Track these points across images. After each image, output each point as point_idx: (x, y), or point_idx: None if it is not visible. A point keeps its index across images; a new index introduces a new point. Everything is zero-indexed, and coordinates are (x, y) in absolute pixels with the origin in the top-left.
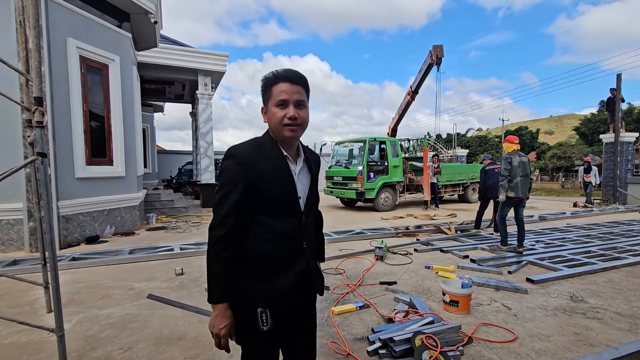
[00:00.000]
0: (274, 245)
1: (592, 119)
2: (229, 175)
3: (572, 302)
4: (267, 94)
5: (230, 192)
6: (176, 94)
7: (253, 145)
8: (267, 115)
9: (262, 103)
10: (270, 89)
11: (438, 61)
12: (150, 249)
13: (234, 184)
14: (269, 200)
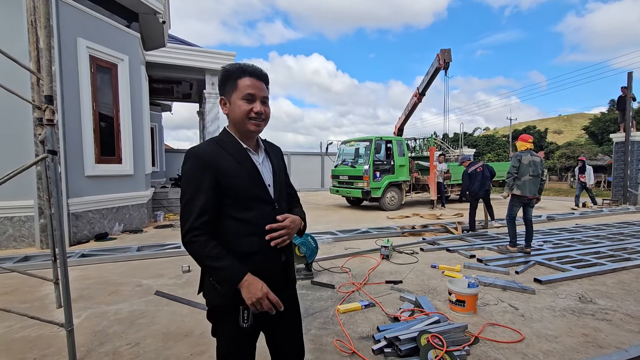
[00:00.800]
0: (255, 239)
1: (601, 118)
2: (191, 177)
3: (581, 303)
4: (230, 86)
5: (196, 195)
6: (184, 93)
7: (212, 144)
8: (230, 107)
9: (221, 93)
10: (235, 82)
11: (445, 65)
12: (157, 247)
13: (198, 185)
14: (239, 193)
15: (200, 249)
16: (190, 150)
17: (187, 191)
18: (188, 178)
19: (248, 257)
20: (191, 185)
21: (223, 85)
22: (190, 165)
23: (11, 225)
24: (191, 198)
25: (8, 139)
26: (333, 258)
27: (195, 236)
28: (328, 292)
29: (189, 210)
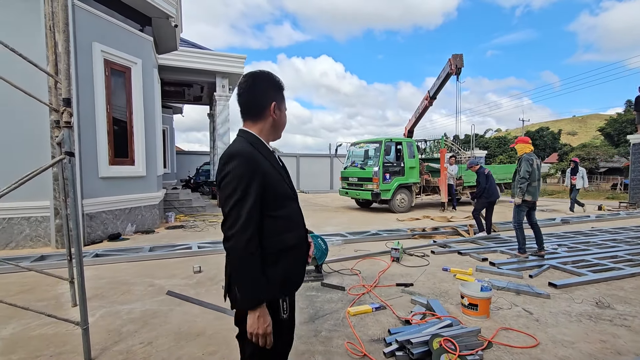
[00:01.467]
0: (295, 234)
1: (618, 119)
2: (240, 176)
3: (598, 308)
4: (281, 96)
5: (247, 193)
6: (195, 95)
7: (248, 145)
8: (281, 114)
9: (273, 100)
10: (283, 94)
11: (457, 71)
12: (169, 247)
13: (248, 183)
14: (276, 192)
15: (246, 259)
16: (235, 150)
17: (236, 190)
18: (236, 177)
19: (290, 251)
20: (241, 185)
21: (277, 94)
22: (237, 164)
23: (28, 225)
24: (241, 198)
25: (24, 141)
26: (343, 260)
27: (245, 241)
28: (338, 294)
29: (240, 207)
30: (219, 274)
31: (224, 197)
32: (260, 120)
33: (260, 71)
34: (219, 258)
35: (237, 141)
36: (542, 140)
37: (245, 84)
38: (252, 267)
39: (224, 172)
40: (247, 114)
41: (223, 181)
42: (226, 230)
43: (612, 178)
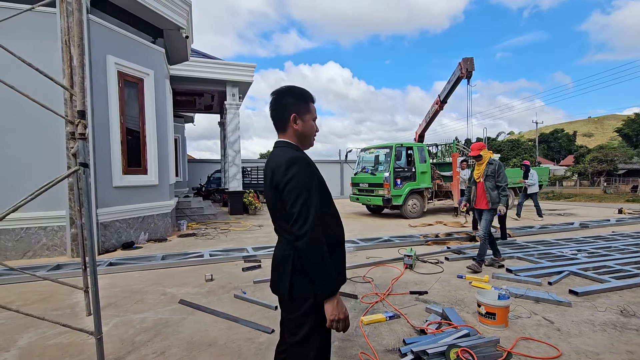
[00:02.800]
0: (341, 230)
1: (636, 120)
2: (305, 178)
3: (623, 317)
4: (307, 108)
5: (311, 193)
6: (205, 104)
7: (299, 152)
8: (303, 124)
9: (294, 111)
10: (308, 105)
11: (468, 75)
12: (181, 255)
13: (311, 185)
14: (325, 191)
15: (321, 252)
16: (294, 156)
17: (303, 192)
18: (302, 180)
19: (339, 245)
20: (307, 186)
21: (302, 105)
22: (300, 167)
23: (45, 235)
24: (308, 198)
25: (41, 152)
26: (355, 267)
27: (318, 237)
28: (351, 303)
29: (309, 206)
30: (231, 282)
31: (291, 199)
32: (287, 131)
33: (286, 86)
34: (230, 266)
35: (286, 149)
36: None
37: (272, 99)
38: (327, 260)
39: (288, 176)
40: (276, 128)
41: (288, 184)
42: (297, 230)
43: (632, 180)
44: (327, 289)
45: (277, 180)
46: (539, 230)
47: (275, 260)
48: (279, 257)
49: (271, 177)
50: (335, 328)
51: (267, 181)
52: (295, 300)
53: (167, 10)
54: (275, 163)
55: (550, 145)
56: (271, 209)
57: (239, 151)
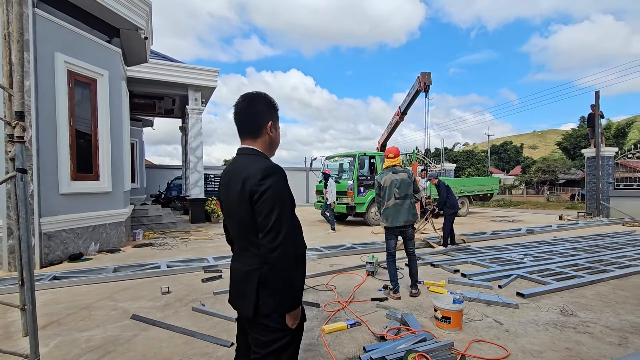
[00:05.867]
0: (304, 241)
1: (573, 134)
2: (282, 190)
3: (563, 316)
4: (278, 117)
5: (286, 205)
6: (166, 108)
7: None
8: (276, 133)
9: (270, 119)
10: (278, 114)
11: (426, 88)
12: (135, 267)
13: (287, 197)
14: (294, 203)
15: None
16: (270, 166)
17: (277, 204)
18: (277, 192)
19: (303, 257)
20: (282, 199)
21: (274, 114)
22: (277, 179)
23: None
24: (282, 211)
25: None
26: (318, 275)
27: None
28: (313, 312)
29: (282, 223)
30: (190, 294)
31: (265, 210)
32: (258, 138)
33: (257, 92)
34: (189, 277)
35: (256, 157)
36: (507, 154)
37: (244, 104)
38: (297, 273)
39: (265, 186)
40: (246, 132)
41: (264, 195)
42: (270, 242)
43: (571, 189)
44: (294, 303)
45: (251, 190)
46: (490, 236)
47: (237, 275)
48: (242, 272)
49: (242, 186)
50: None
51: (235, 190)
52: (261, 317)
53: (125, 10)
54: (248, 172)
55: (500, 156)
56: (237, 220)
57: (202, 157)
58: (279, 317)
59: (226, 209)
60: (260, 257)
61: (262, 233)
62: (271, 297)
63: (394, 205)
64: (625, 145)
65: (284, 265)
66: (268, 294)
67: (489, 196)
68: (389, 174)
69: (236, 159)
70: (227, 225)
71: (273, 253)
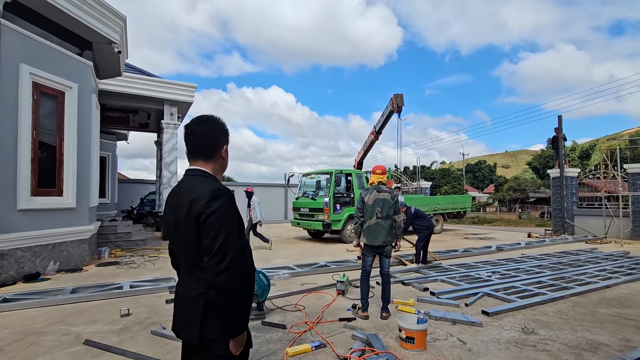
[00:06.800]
0: (253, 263)
1: (542, 155)
2: (229, 212)
3: (524, 334)
4: (228, 141)
5: (233, 227)
6: (141, 122)
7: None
8: (227, 158)
9: (226, 142)
10: (229, 139)
11: (399, 109)
12: (96, 287)
13: (235, 219)
14: (242, 224)
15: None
16: (219, 188)
17: (225, 226)
18: (225, 214)
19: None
20: (229, 221)
21: (227, 138)
22: (225, 201)
23: None
24: (230, 233)
25: None
26: (288, 295)
27: (239, 273)
28: (279, 333)
29: (229, 246)
30: (151, 316)
31: (212, 232)
32: (212, 161)
33: (212, 115)
34: (153, 298)
35: (205, 179)
36: (481, 173)
37: (201, 126)
38: (244, 296)
39: (212, 208)
40: (200, 154)
41: (211, 217)
42: (216, 265)
43: (540, 207)
44: (241, 327)
45: (198, 212)
46: (462, 253)
47: (182, 301)
48: (186, 297)
49: (189, 209)
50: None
51: (182, 212)
52: (206, 343)
53: (98, 23)
54: (195, 194)
55: (475, 175)
56: (184, 243)
57: (176, 172)
58: (223, 343)
59: (173, 231)
60: (206, 281)
61: (209, 256)
62: (217, 322)
63: (375, 225)
64: (589, 166)
65: (231, 289)
66: (214, 318)
67: (462, 214)
68: (374, 192)
69: (184, 180)
70: (173, 249)
71: (220, 276)
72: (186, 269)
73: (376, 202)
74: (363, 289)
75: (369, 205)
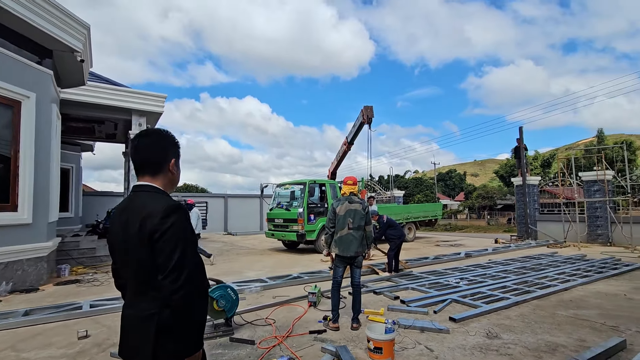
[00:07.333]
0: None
1: (507, 163)
2: (184, 230)
3: (488, 338)
4: (179, 155)
5: (188, 244)
6: (107, 133)
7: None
8: (177, 171)
9: (176, 156)
10: (179, 152)
11: (369, 120)
12: (52, 309)
13: (190, 235)
14: (195, 239)
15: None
16: (174, 204)
17: (179, 242)
18: (179, 230)
19: (206, 296)
20: (184, 237)
21: (176, 151)
22: (179, 217)
23: None
24: (185, 249)
25: None
26: (258, 309)
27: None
28: (247, 349)
29: (184, 262)
30: (111, 337)
31: (167, 249)
32: (160, 176)
33: (158, 129)
34: (114, 318)
35: (156, 195)
36: (452, 181)
37: (147, 140)
38: (199, 314)
39: (166, 224)
40: (146, 170)
41: (166, 234)
42: (172, 283)
43: (507, 213)
44: (197, 346)
45: (152, 229)
46: (432, 260)
47: (131, 323)
48: (137, 318)
49: (141, 226)
50: None
51: (133, 230)
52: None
53: (58, 31)
54: (147, 210)
55: (447, 183)
56: (134, 262)
57: None
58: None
59: (120, 250)
60: (160, 300)
61: (163, 274)
62: (172, 342)
63: (347, 235)
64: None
65: (187, 306)
66: (168, 339)
67: (433, 221)
68: (345, 203)
69: (133, 197)
70: (117, 269)
71: (176, 294)
72: (136, 288)
73: (348, 212)
74: (334, 300)
75: (341, 216)
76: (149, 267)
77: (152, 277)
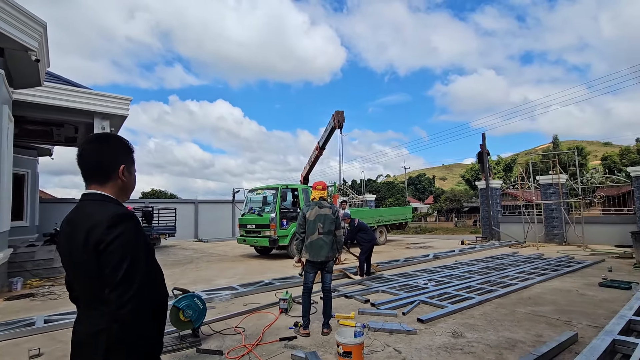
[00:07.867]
0: (165, 290)
1: (473, 168)
2: (133, 238)
3: (453, 338)
4: (132, 159)
5: (139, 254)
6: (67, 136)
7: (122, 205)
8: (129, 177)
9: (125, 162)
10: (133, 157)
11: (340, 125)
12: (1, 326)
13: (140, 245)
14: (151, 247)
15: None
16: (122, 212)
17: (129, 253)
18: (129, 240)
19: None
20: (134, 247)
21: (128, 157)
22: (128, 227)
23: None
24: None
25: None
26: (228, 317)
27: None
28: None
29: (134, 274)
30: (67, 354)
31: (114, 261)
32: (109, 183)
33: (107, 134)
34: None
35: (105, 204)
36: (422, 185)
37: (92, 146)
38: (154, 327)
39: (113, 235)
40: (93, 177)
41: (112, 244)
42: (120, 297)
43: (473, 215)
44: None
45: (97, 240)
46: (403, 263)
47: (80, 340)
48: (85, 335)
49: (86, 237)
50: None
51: (79, 241)
52: None
53: (10, 28)
54: (93, 220)
55: (417, 187)
56: (82, 275)
57: None
58: None
59: (69, 262)
60: (108, 315)
61: (111, 287)
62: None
63: (317, 240)
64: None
65: (138, 320)
66: (120, 356)
67: (404, 224)
68: (315, 207)
69: (80, 206)
70: (70, 281)
71: (123, 309)
72: (86, 303)
73: (317, 217)
74: (305, 305)
75: (311, 221)
76: (96, 281)
77: (101, 291)
